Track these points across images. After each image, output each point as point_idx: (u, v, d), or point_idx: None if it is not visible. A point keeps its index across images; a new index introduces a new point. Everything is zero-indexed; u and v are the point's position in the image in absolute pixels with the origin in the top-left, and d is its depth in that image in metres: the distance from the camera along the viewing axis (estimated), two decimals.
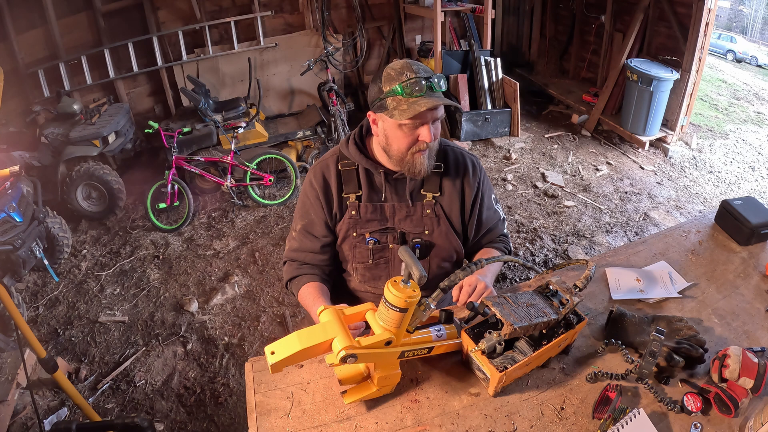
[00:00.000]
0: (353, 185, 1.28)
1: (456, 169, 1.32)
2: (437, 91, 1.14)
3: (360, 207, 1.28)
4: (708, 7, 3.75)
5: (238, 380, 2.24)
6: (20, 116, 3.94)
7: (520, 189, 3.79)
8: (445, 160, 1.32)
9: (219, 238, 3.36)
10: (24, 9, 4.06)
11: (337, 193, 1.29)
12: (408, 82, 1.10)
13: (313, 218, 1.32)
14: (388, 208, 1.29)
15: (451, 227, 1.32)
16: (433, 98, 1.11)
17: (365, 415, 1.00)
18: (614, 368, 1.06)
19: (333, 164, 1.30)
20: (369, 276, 1.36)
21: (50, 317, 2.71)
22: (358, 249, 1.32)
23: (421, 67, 1.14)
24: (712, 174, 4.02)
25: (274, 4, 4.85)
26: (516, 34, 6.30)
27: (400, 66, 1.13)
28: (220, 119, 3.77)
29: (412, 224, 1.30)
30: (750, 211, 1.47)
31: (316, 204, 1.31)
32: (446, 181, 1.31)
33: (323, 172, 1.30)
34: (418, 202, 1.30)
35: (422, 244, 1.31)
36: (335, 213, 1.31)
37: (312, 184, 1.31)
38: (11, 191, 2.56)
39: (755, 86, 7.23)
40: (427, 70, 1.15)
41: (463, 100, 4.46)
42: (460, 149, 1.37)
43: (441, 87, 1.14)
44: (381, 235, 1.30)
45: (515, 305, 1.03)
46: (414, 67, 1.13)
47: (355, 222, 1.29)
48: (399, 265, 1.32)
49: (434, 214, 1.30)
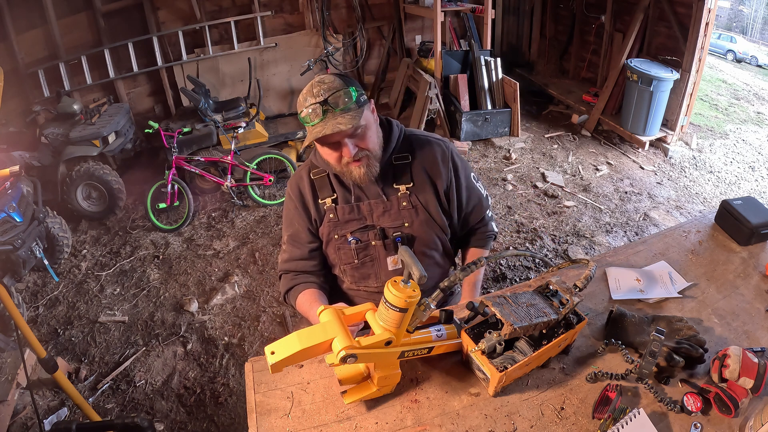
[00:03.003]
0: (327, 190, 1.32)
1: (424, 156, 1.33)
2: (340, 110, 1.11)
3: (337, 209, 1.31)
4: (708, 7, 3.75)
5: (238, 380, 2.24)
6: (20, 116, 3.94)
7: (520, 189, 3.79)
8: (411, 150, 1.33)
9: (219, 238, 3.36)
10: (24, 9, 4.06)
11: (313, 201, 1.33)
12: (305, 110, 1.12)
13: (297, 227, 1.37)
14: (364, 207, 1.31)
15: (429, 215, 1.33)
16: (329, 124, 1.10)
17: (365, 415, 1.00)
18: (614, 368, 1.06)
19: (306, 175, 1.34)
20: (358, 276, 1.38)
21: (50, 317, 2.71)
22: (342, 251, 1.34)
23: (324, 87, 1.12)
24: (712, 174, 4.01)
25: (274, 4, 4.86)
26: (516, 34, 6.29)
27: (307, 89, 1.14)
28: (220, 119, 3.77)
29: (391, 219, 1.31)
30: (750, 211, 1.47)
31: (296, 214, 1.35)
32: (416, 169, 1.32)
33: (298, 184, 1.35)
34: (393, 196, 1.31)
35: (403, 238, 1.32)
36: (315, 220, 1.34)
37: (290, 196, 1.37)
38: (11, 191, 2.57)
39: (755, 86, 7.22)
40: (331, 88, 1.11)
41: (463, 100, 4.46)
42: (426, 136, 1.37)
43: (342, 105, 1.11)
44: (362, 233, 1.32)
45: (515, 305, 1.02)
46: (315, 89, 1.12)
47: (335, 224, 1.32)
48: (385, 260, 1.34)
49: (411, 205, 1.31)
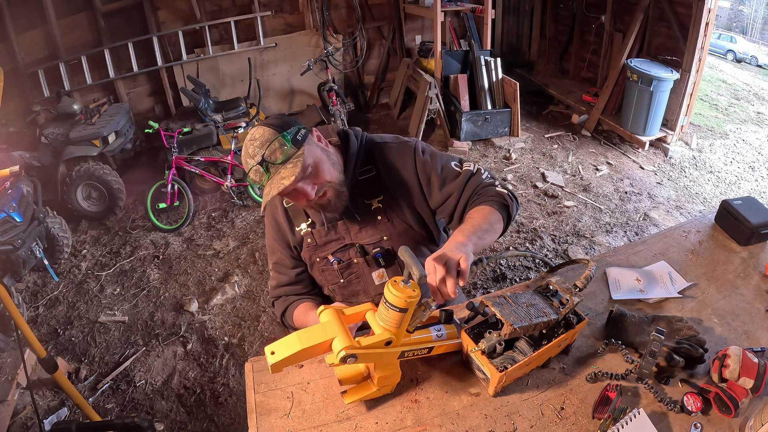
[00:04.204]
0: (302, 217, 1.30)
1: (386, 164, 1.27)
2: (280, 162, 1.05)
3: (314, 233, 1.29)
4: (708, 7, 3.75)
5: (238, 380, 2.24)
6: (20, 116, 3.94)
7: (520, 189, 3.79)
8: (373, 161, 1.27)
9: (219, 238, 3.36)
10: (24, 9, 4.06)
11: (290, 229, 1.32)
12: (250, 174, 1.09)
13: (280, 255, 1.37)
14: (341, 226, 1.27)
15: (407, 225, 1.28)
16: (275, 182, 1.06)
17: (365, 415, 1.00)
18: (614, 368, 1.06)
19: (279, 204, 1.33)
20: (347, 293, 1.35)
21: (50, 317, 2.71)
22: (327, 272, 1.33)
23: (257, 144, 1.06)
24: (712, 174, 4.01)
25: (274, 4, 4.85)
26: (516, 34, 6.29)
27: (243, 151, 1.10)
28: (220, 119, 3.77)
29: (369, 235, 1.27)
30: (750, 211, 1.47)
31: (276, 242, 1.36)
32: (384, 180, 1.26)
33: (273, 215, 1.34)
34: (367, 213, 1.26)
35: (383, 253, 1.27)
36: (294, 246, 1.34)
37: (268, 225, 1.36)
38: (11, 191, 2.57)
39: (755, 86, 7.22)
40: (264, 142, 1.05)
41: (463, 100, 4.46)
42: (384, 141, 1.30)
43: (280, 156, 1.05)
44: (342, 253, 1.29)
45: (515, 305, 1.02)
46: (250, 150, 1.07)
47: (315, 248, 1.30)
48: (370, 276, 1.31)
49: (386, 219, 1.26)
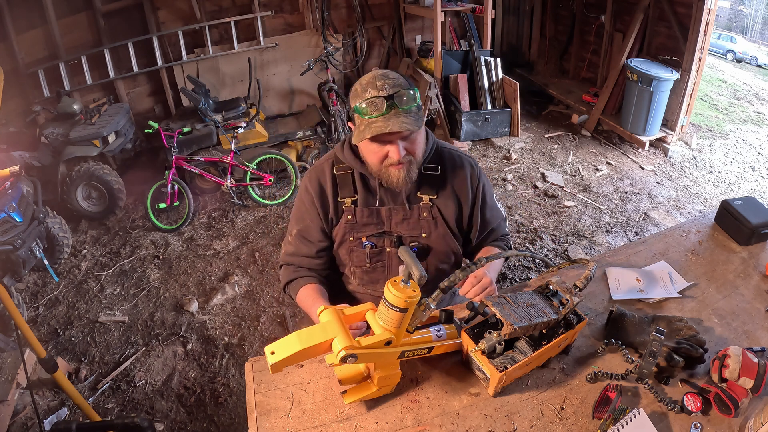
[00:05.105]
0: (349, 190, 1.27)
1: (453, 171, 1.31)
2: (403, 108, 1.07)
3: (356, 211, 1.27)
4: (708, 7, 3.75)
5: (238, 380, 2.24)
6: (20, 116, 3.94)
7: (520, 189, 3.79)
8: (442, 162, 1.30)
9: (219, 238, 3.36)
10: (24, 9, 4.06)
11: (333, 198, 1.28)
12: (367, 102, 1.06)
13: (309, 223, 1.31)
14: (384, 212, 1.27)
15: (448, 229, 1.31)
16: (393, 120, 1.06)
17: (365, 415, 1.00)
18: (614, 368, 1.06)
19: (328, 169, 1.28)
20: (367, 279, 1.35)
21: (50, 317, 2.71)
22: (355, 253, 1.31)
23: (389, 82, 1.08)
24: (712, 174, 4.02)
25: (274, 4, 4.85)
26: (516, 34, 6.29)
27: (367, 80, 1.10)
28: (220, 119, 3.77)
29: (409, 227, 1.29)
30: (750, 211, 1.47)
31: (311, 209, 1.30)
32: (443, 183, 1.30)
33: (319, 178, 1.29)
34: (415, 205, 1.28)
35: (419, 248, 1.30)
36: (331, 218, 1.30)
37: (308, 189, 1.30)
38: (11, 191, 2.56)
39: (755, 86, 7.22)
40: (396, 85, 1.08)
41: (463, 100, 4.46)
42: (458, 151, 1.35)
43: (406, 104, 1.07)
44: (378, 239, 1.29)
45: (515, 305, 1.02)
46: (379, 83, 1.07)
47: (352, 226, 1.28)
48: (397, 268, 1.32)
49: (431, 217, 1.28)
